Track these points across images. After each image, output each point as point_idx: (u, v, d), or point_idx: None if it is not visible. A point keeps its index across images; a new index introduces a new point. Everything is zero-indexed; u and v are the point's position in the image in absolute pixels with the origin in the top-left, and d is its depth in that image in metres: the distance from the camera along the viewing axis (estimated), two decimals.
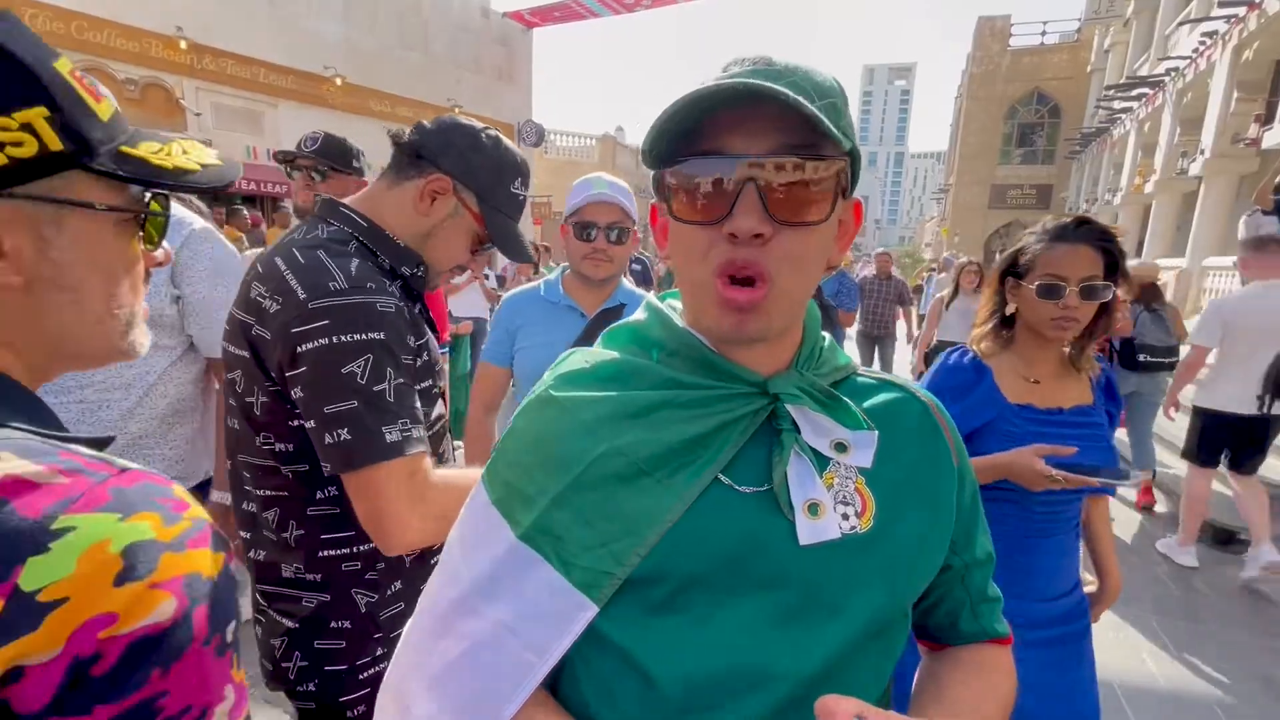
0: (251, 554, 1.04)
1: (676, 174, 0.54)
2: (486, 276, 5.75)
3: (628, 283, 1.75)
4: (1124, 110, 16.61)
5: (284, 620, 1.01)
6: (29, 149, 0.44)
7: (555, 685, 0.59)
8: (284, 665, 1.01)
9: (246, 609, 1.12)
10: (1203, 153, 10.84)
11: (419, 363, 0.99)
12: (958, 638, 0.69)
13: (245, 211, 6.67)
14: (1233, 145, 10.31)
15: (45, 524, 0.37)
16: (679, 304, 0.64)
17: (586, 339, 1.56)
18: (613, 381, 0.61)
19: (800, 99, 0.48)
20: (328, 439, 0.87)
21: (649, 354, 0.62)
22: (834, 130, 0.49)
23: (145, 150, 0.52)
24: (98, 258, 0.51)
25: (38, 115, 0.44)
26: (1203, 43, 11.29)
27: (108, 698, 0.36)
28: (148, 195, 0.55)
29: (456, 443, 2.05)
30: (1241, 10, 9.82)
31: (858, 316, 5.82)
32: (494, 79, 15.11)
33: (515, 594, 0.55)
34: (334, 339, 0.87)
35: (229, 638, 0.44)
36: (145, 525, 0.40)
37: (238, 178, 0.63)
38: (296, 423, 0.93)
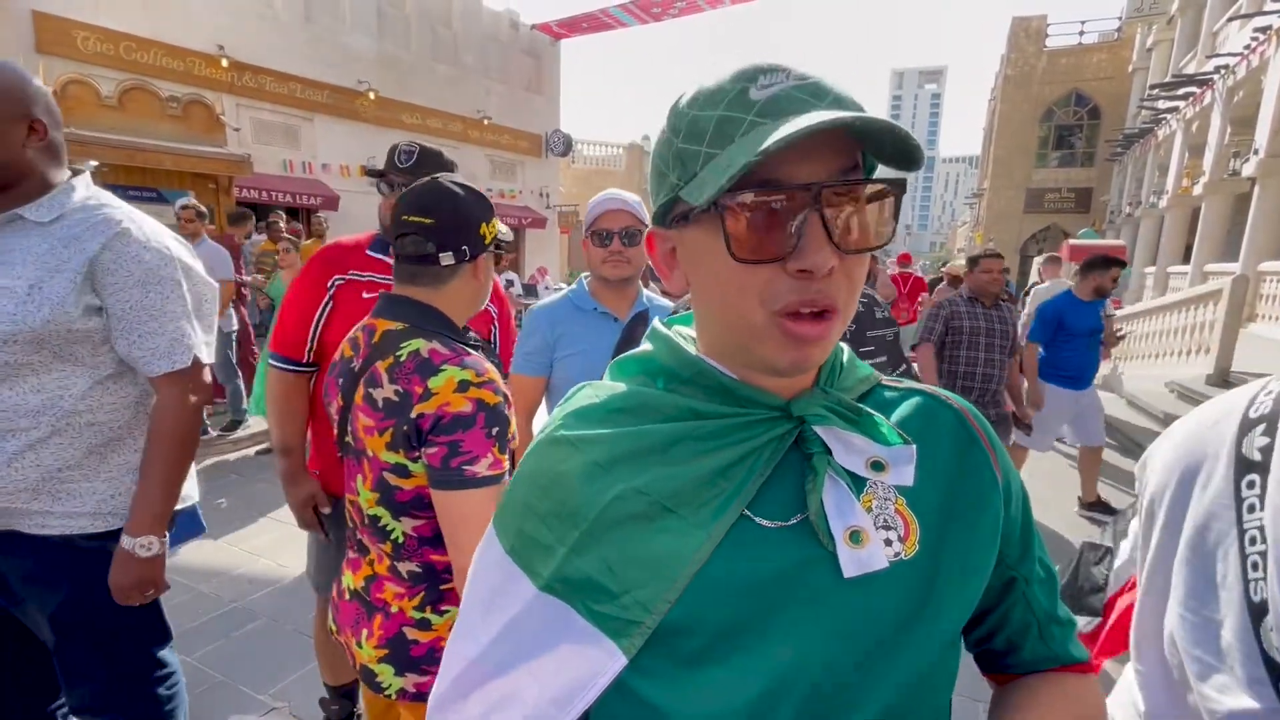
0: None
1: (732, 208, 0.45)
2: (510, 283, 5.76)
3: (647, 292, 1.84)
4: (1169, 110, 16.01)
5: None
6: (494, 232, 1.20)
7: None
8: None
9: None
10: (1256, 152, 10.35)
11: None
12: (1027, 665, 0.61)
13: (283, 224, 6.79)
14: None
15: (439, 366, 1.05)
16: (687, 330, 0.59)
17: (626, 343, 1.64)
18: (625, 415, 0.55)
19: (894, 122, 0.44)
20: None
21: (658, 384, 0.57)
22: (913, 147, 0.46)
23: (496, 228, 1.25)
24: (484, 274, 1.23)
25: (495, 221, 1.21)
26: (1255, 38, 10.82)
27: (443, 432, 1.01)
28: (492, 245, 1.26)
29: None
30: None
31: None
32: (523, 90, 15.32)
33: (538, 646, 0.51)
34: None
35: (493, 434, 1.03)
36: (468, 374, 1.04)
37: (510, 238, 1.29)
38: None
